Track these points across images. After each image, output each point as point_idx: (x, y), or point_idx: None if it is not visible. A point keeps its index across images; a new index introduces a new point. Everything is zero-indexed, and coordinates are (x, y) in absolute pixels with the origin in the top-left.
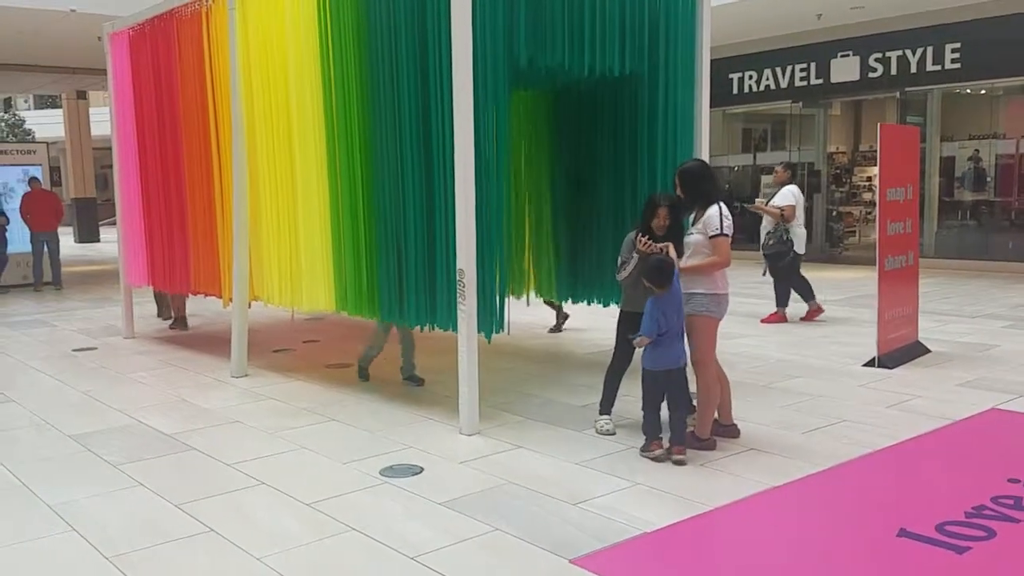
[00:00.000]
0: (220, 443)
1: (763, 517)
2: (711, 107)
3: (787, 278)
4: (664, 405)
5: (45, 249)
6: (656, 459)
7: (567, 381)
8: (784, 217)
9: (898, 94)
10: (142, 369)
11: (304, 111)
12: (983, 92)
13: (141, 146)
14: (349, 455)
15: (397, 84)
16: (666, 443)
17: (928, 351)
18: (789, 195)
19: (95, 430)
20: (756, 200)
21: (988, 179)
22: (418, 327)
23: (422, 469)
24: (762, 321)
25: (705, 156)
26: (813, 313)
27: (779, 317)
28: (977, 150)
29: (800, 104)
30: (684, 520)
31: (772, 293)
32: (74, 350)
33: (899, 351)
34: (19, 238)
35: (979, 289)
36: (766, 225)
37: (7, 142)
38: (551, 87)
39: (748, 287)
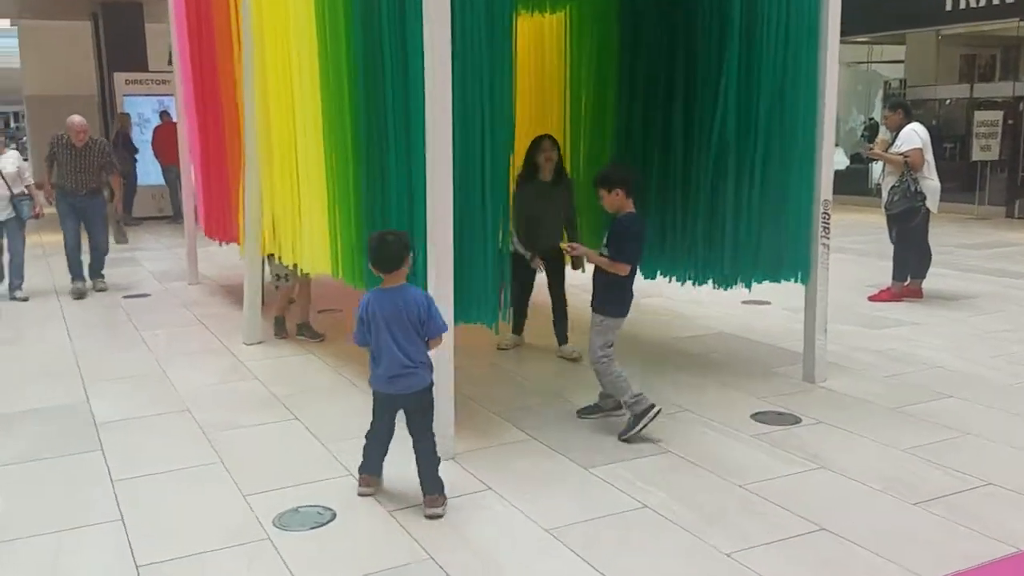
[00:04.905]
0: (136, 444)
1: None
2: (919, 27)
3: (917, 242)
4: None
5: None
6: (363, 494)
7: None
8: (909, 165)
9: None
10: (165, 325)
11: (302, 60)
12: None
13: (196, 89)
14: (265, 481)
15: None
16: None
17: None
18: (914, 137)
19: (27, 409)
20: (876, 139)
21: None
22: None
23: (334, 516)
24: (871, 298)
25: (831, 96)
26: (907, 292)
27: (894, 294)
28: None
29: None
30: None
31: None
32: (125, 296)
33: None
34: (154, 170)
35: None
36: (889, 178)
37: (144, 72)
38: None
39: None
